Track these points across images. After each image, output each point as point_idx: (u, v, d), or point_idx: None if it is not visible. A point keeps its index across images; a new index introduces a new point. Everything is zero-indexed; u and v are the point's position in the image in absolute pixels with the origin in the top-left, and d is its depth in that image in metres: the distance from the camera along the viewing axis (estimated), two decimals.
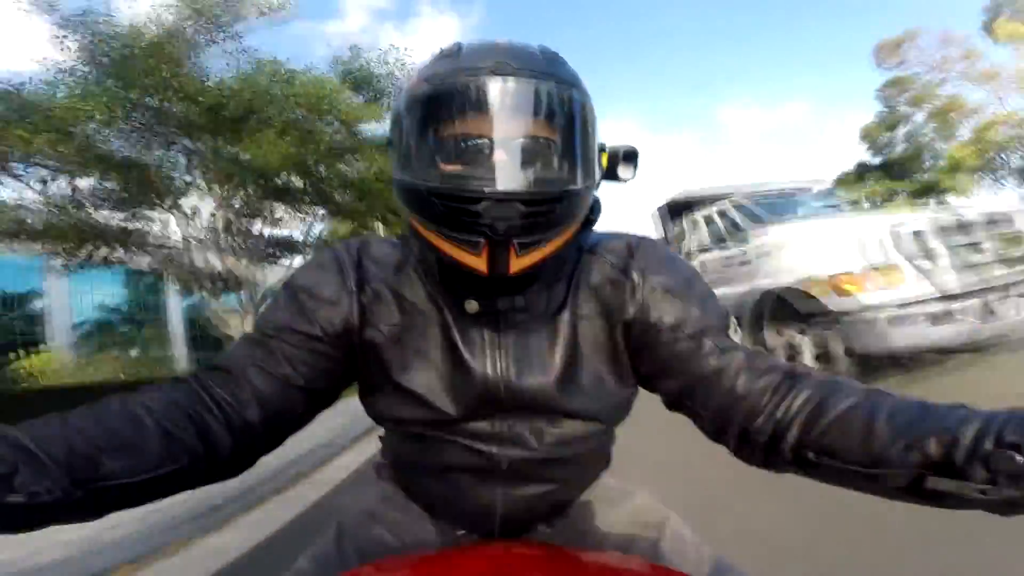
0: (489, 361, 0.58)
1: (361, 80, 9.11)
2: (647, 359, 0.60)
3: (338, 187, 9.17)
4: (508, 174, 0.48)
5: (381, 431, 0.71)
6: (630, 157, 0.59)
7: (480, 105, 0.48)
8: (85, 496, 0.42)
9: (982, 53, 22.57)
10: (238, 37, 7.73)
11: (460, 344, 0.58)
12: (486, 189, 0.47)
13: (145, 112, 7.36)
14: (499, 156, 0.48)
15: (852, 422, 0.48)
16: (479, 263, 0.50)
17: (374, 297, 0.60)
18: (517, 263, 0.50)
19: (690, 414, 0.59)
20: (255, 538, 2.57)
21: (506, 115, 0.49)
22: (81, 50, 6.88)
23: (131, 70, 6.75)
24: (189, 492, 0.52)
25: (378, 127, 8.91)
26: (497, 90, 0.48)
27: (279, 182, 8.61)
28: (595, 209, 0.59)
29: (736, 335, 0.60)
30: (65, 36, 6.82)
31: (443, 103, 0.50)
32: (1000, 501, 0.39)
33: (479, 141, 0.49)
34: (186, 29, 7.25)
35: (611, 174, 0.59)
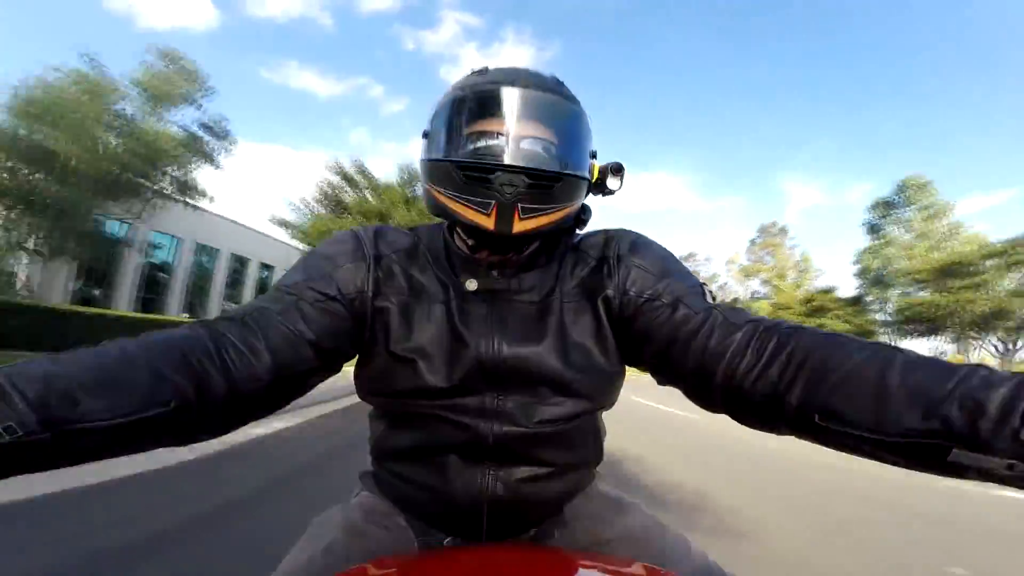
0: (484, 335, 0.63)
1: None
2: (629, 332, 0.64)
3: None
4: (517, 153, 0.59)
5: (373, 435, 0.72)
6: (617, 171, 0.68)
7: (501, 107, 0.60)
8: (54, 439, 0.39)
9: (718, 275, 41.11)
10: None
11: (458, 320, 0.64)
12: (499, 161, 0.58)
13: None
14: (512, 142, 0.59)
15: (862, 381, 0.45)
16: (487, 222, 0.59)
17: (387, 272, 0.66)
18: (519, 225, 0.59)
19: (674, 379, 0.62)
20: None
21: (519, 115, 0.60)
22: None
23: None
24: None
25: None
26: (515, 97, 0.60)
27: None
28: (585, 211, 0.68)
29: (715, 300, 0.63)
30: None
31: (474, 104, 0.61)
32: None
33: (498, 132, 0.60)
34: None
35: (601, 185, 0.68)
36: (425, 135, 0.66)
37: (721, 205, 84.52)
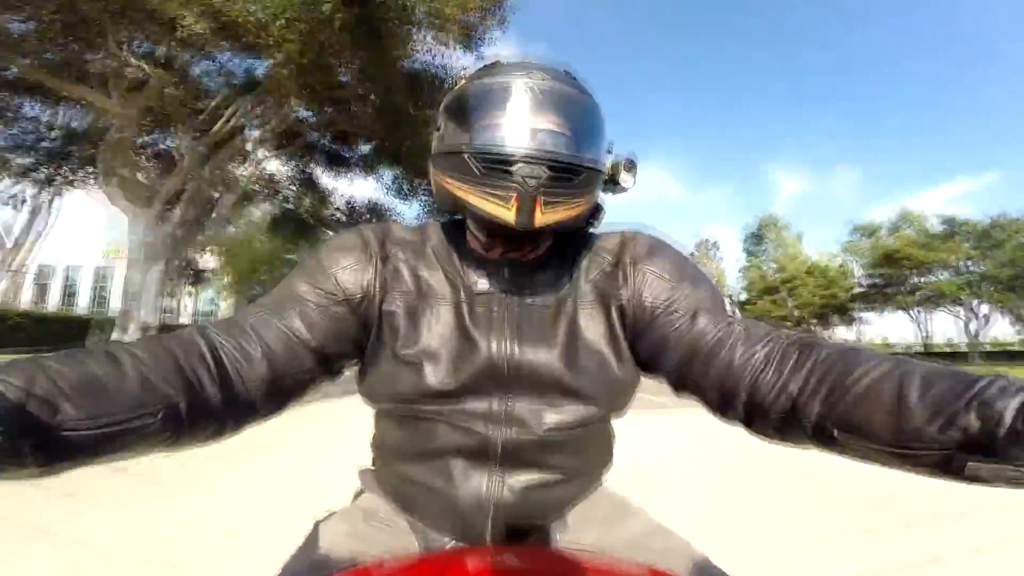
0: (495, 337, 0.62)
1: None
2: (645, 341, 0.64)
3: None
4: (537, 144, 0.59)
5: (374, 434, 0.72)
6: (631, 166, 0.68)
7: (519, 99, 0.60)
8: (33, 446, 0.38)
9: None
10: None
11: (468, 321, 0.63)
12: (520, 152, 0.58)
13: None
14: (531, 133, 0.59)
15: (881, 396, 0.46)
16: (508, 214, 0.58)
17: (394, 272, 0.66)
18: (541, 218, 0.58)
19: (695, 392, 0.62)
20: None
21: (537, 106, 0.60)
22: None
23: None
24: None
25: None
26: (532, 89, 0.60)
27: None
28: (599, 210, 0.68)
29: (734, 312, 0.63)
30: None
31: (491, 96, 0.61)
32: None
33: (516, 123, 0.60)
34: None
35: (613, 181, 0.68)
36: (438, 128, 0.66)
37: (709, 196, 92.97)
